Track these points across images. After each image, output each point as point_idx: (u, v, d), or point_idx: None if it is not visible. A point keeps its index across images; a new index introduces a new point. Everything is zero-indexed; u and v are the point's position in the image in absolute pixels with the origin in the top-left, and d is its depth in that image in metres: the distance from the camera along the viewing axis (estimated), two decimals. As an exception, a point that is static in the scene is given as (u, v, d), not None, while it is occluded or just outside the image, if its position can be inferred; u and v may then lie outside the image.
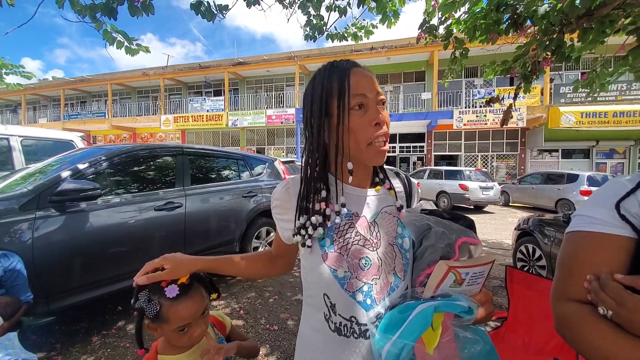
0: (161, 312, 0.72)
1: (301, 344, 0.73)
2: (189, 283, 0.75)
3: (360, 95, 0.62)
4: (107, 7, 1.86)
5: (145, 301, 0.72)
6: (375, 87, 0.65)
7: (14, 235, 1.92)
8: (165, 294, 0.71)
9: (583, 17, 2.19)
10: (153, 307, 0.71)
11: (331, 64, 0.67)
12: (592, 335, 0.52)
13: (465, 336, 0.56)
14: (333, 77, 0.64)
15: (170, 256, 0.73)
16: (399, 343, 0.54)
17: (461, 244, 0.62)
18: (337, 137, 0.63)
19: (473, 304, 0.58)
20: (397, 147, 15.72)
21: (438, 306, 0.56)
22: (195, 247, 3.07)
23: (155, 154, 3.04)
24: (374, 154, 0.64)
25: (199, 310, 0.78)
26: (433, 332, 0.55)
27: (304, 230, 0.65)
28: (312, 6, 3.05)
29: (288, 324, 2.56)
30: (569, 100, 12.40)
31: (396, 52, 14.21)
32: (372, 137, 0.62)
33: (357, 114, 0.63)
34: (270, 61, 16.24)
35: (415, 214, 0.67)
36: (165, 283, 0.72)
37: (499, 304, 2.99)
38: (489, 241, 5.82)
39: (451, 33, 3.02)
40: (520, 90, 3.16)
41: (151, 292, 0.73)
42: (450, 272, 0.58)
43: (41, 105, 22.52)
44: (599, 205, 0.58)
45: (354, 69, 0.64)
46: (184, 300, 0.74)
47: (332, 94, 0.63)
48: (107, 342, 2.29)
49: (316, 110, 0.65)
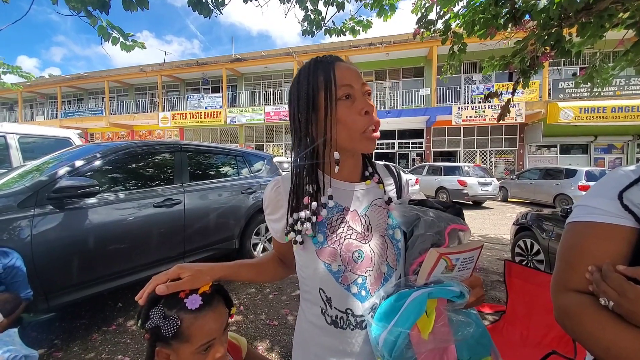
0: (182, 329, 0.59)
1: (299, 337, 0.74)
2: (211, 292, 0.65)
3: (347, 86, 0.63)
4: (100, 0, 1.84)
5: (160, 318, 0.59)
6: (360, 78, 0.66)
7: (12, 233, 1.92)
8: (186, 305, 0.60)
9: (582, 12, 2.18)
10: (172, 323, 0.58)
11: (315, 60, 0.68)
12: (593, 325, 0.52)
13: (458, 319, 0.58)
14: (318, 71, 0.65)
15: (186, 265, 0.66)
16: (394, 331, 0.56)
17: (450, 231, 0.63)
18: (325, 129, 0.64)
19: (465, 289, 0.60)
20: (396, 143, 15.71)
21: (431, 292, 0.58)
22: (194, 244, 3.07)
23: (153, 151, 3.03)
24: (367, 142, 0.65)
25: (223, 324, 0.66)
26: (427, 318, 0.57)
27: (296, 226, 0.66)
28: (310, 1, 3.03)
29: (288, 319, 2.57)
30: (567, 95, 12.39)
31: (395, 47, 14.14)
32: (364, 126, 0.63)
33: (345, 104, 0.63)
34: (268, 57, 16.15)
35: (404, 205, 0.68)
36: (184, 294, 0.61)
37: (497, 298, 3.01)
38: (488, 236, 5.85)
39: (449, 28, 3.01)
40: (518, 85, 3.16)
41: (166, 307, 0.60)
42: (442, 258, 0.59)
43: (38, 103, 22.37)
44: (602, 196, 0.57)
45: (337, 63, 0.66)
46: (208, 311, 0.63)
47: (318, 87, 0.64)
48: (108, 339, 2.30)
49: (303, 105, 0.65)
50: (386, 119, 13.72)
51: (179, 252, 2.94)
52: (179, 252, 2.94)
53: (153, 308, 0.60)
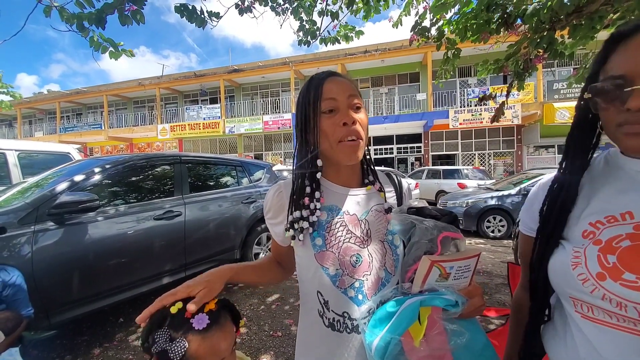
0: (190, 352, 0.56)
1: (300, 340, 0.76)
2: (217, 309, 0.61)
3: (330, 100, 0.68)
4: (98, 17, 1.87)
5: (166, 341, 0.55)
6: (348, 90, 0.70)
7: (13, 250, 1.91)
8: (194, 326, 0.57)
9: (572, 14, 2.22)
10: (179, 346, 0.55)
11: (312, 78, 0.73)
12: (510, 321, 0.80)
13: (452, 328, 0.58)
14: (311, 87, 0.71)
15: (193, 281, 0.62)
16: (386, 337, 0.56)
17: (442, 238, 0.64)
18: (314, 139, 0.69)
19: (460, 298, 0.59)
20: (395, 149, 15.76)
21: (423, 300, 0.59)
22: (195, 256, 3.06)
23: (152, 163, 3.03)
24: (345, 151, 0.68)
25: (232, 342, 0.63)
26: (420, 326, 0.57)
27: (296, 224, 0.69)
28: (304, 12, 3.07)
29: (292, 329, 2.54)
30: (562, 96, 12.49)
31: (390, 54, 14.29)
32: (339, 137, 0.67)
33: (327, 116, 0.69)
34: (265, 67, 16.30)
35: (400, 215, 0.70)
36: (190, 313, 0.58)
37: (502, 301, 2.98)
38: (490, 238, 5.83)
39: (443, 34, 3.05)
40: (513, 87, 3.19)
41: (172, 329, 0.57)
42: (434, 266, 0.59)
43: (37, 118, 22.48)
44: (524, 210, 0.72)
45: (329, 78, 0.71)
46: (216, 330, 0.59)
47: (309, 102, 0.70)
48: (109, 355, 2.26)
49: (299, 116, 0.72)
50: (384, 124, 13.79)
51: (180, 264, 2.92)
52: (180, 264, 2.92)
53: (158, 330, 0.57)
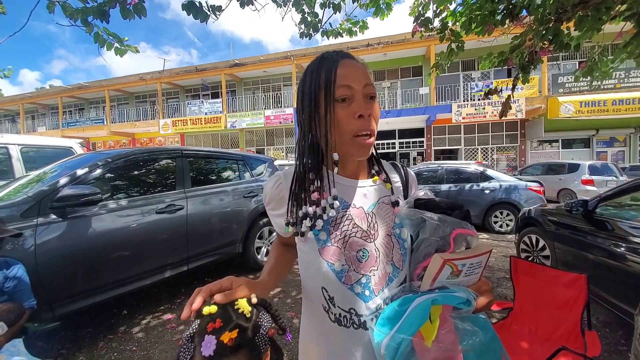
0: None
1: (303, 336, 0.74)
2: (233, 345, 0.48)
3: (345, 87, 0.62)
4: (100, 10, 1.86)
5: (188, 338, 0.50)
6: (364, 78, 0.63)
7: (16, 243, 1.92)
8: (201, 350, 0.47)
9: (579, 5, 2.17)
10: (186, 353, 0.50)
11: (322, 56, 0.66)
12: None
13: (464, 327, 0.56)
14: (322, 69, 0.63)
15: (236, 277, 0.59)
16: (397, 337, 0.54)
17: (456, 236, 0.60)
18: (325, 128, 0.63)
19: (471, 295, 0.57)
20: (397, 143, 15.67)
21: (435, 299, 0.56)
22: (198, 249, 3.07)
23: (154, 157, 3.03)
24: (358, 147, 0.63)
25: None
26: (431, 325, 0.55)
27: (298, 220, 0.65)
28: (306, 4, 3.04)
29: (294, 322, 2.56)
30: (567, 90, 12.34)
31: (392, 47, 14.15)
32: (354, 130, 0.62)
33: (341, 105, 0.62)
34: (267, 61, 16.19)
35: (409, 209, 0.66)
36: (212, 327, 0.49)
37: (504, 295, 2.98)
38: (493, 232, 5.83)
39: (446, 26, 3.00)
40: (518, 81, 3.14)
41: (197, 332, 0.50)
42: (446, 264, 0.57)
43: (39, 114, 22.53)
44: None
45: (342, 60, 0.64)
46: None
47: (319, 86, 0.63)
48: (113, 347, 2.29)
49: (306, 102, 0.65)
50: (386, 119, 13.69)
51: (182, 257, 2.93)
52: (182, 257, 2.93)
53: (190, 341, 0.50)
